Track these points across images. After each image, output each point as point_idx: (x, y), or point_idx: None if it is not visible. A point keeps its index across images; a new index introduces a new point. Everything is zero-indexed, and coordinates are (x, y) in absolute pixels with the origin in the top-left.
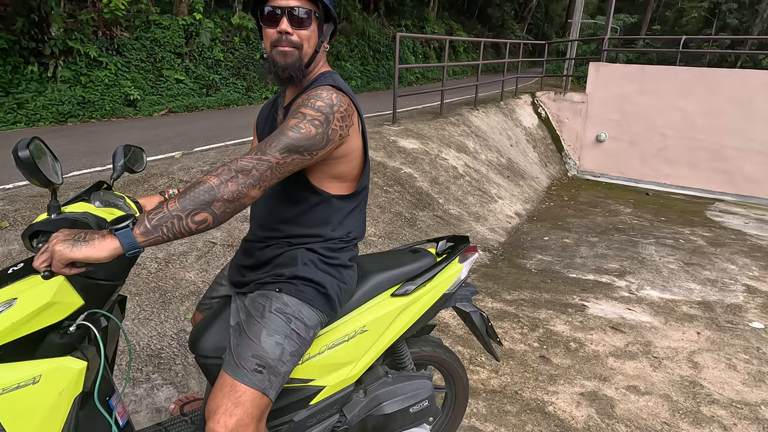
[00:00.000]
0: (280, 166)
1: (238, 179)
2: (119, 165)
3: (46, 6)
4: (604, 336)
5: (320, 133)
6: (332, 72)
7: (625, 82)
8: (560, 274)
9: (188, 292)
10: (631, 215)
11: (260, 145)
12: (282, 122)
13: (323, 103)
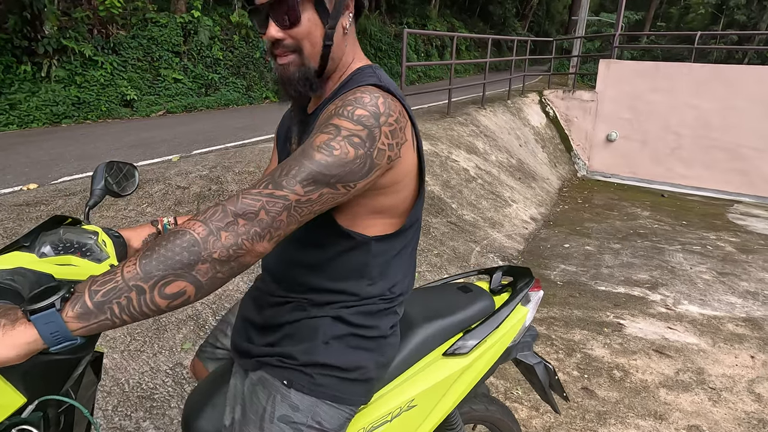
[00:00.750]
0: (302, 205)
1: (237, 227)
2: (98, 188)
3: (39, 3)
4: (650, 362)
5: (361, 156)
6: (374, 66)
7: (637, 79)
8: (588, 287)
9: (185, 316)
10: (650, 219)
11: (272, 174)
12: (304, 138)
13: (366, 111)
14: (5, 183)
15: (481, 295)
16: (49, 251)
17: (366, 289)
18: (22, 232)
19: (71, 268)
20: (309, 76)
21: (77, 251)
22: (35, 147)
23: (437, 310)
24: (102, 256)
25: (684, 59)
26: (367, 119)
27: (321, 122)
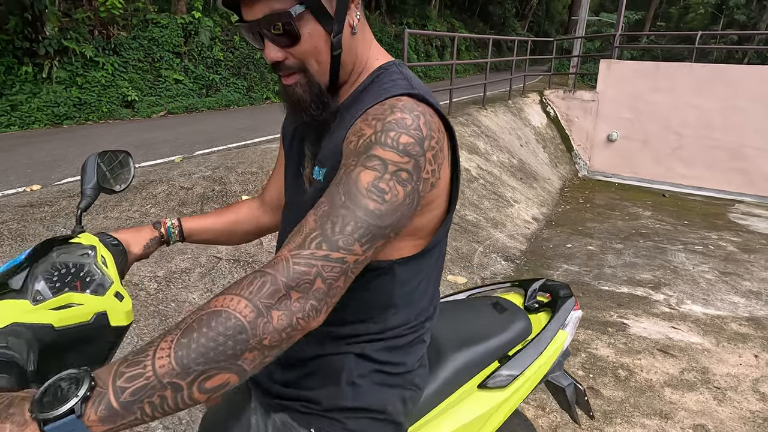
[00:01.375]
0: (359, 265)
1: (290, 303)
2: (90, 187)
3: (40, 4)
4: (654, 361)
5: (410, 193)
6: (397, 63)
7: (637, 79)
8: (591, 287)
9: None
10: (651, 219)
11: (322, 221)
12: (317, 148)
13: (411, 137)
14: (8, 184)
15: (516, 316)
16: (45, 290)
17: (391, 319)
18: (26, 233)
19: (74, 310)
20: (321, 95)
21: (76, 278)
22: (37, 148)
23: (470, 335)
24: (105, 281)
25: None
26: (413, 147)
27: (358, 149)
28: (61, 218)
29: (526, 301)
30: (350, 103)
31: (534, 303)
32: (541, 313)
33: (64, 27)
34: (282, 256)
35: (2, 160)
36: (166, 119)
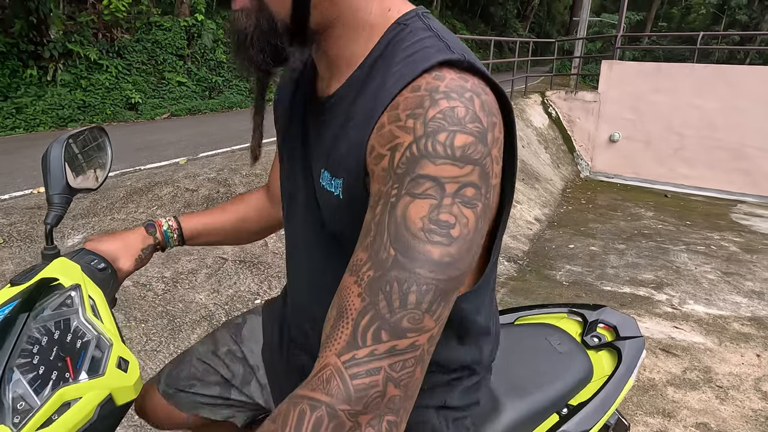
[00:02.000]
0: (435, 342)
1: (374, 421)
2: (58, 193)
3: (45, 8)
4: (657, 360)
5: (481, 215)
6: (420, 14)
7: (639, 80)
8: (594, 287)
9: (199, 317)
10: (654, 219)
11: (371, 296)
12: (323, 137)
13: (468, 134)
14: (16, 186)
15: (576, 355)
16: (27, 393)
17: (464, 357)
18: (34, 234)
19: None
20: (271, 34)
21: (63, 351)
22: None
23: (525, 379)
24: (102, 343)
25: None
26: (474, 149)
27: (396, 169)
28: (68, 220)
29: (584, 334)
30: (363, 78)
31: (594, 337)
32: (603, 351)
33: (68, 30)
34: (330, 366)
35: (9, 163)
36: (169, 121)
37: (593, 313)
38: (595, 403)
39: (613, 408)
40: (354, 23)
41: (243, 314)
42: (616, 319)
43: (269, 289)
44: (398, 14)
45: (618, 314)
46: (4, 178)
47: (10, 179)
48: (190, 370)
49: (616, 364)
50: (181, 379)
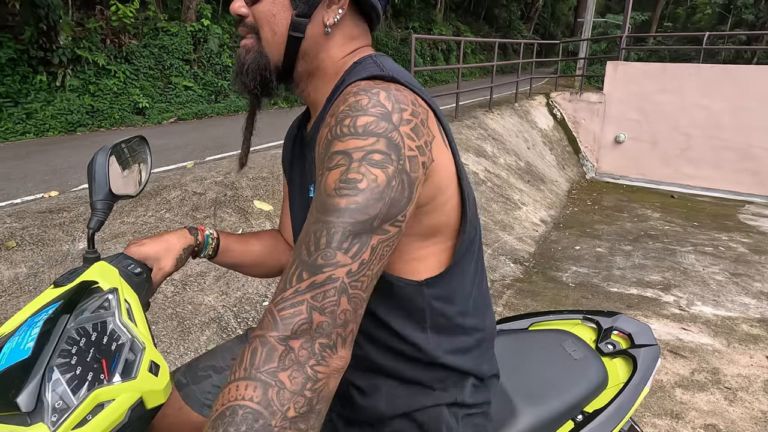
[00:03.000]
0: (359, 276)
1: (295, 355)
2: (101, 199)
3: (55, 15)
4: (665, 362)
5: (394, 175)
6: (376, 55)
7: (645, 80)
8: (601, 288)
9: (208, 319)
10: (660, 220)
11: (296, 256)
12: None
13: (369, 117)
14: (27, 190)
15: (591, 362)
16: (65, 392)
17: (434, 340)
18: (46, 238)
19: (105, 414)
20: (264, 71)
21: (99, 353)
22: (53, 155)
23: (539, 385)
24: (135, 346)
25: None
26: (376, 125)
27: (320, 156)
28: (79, 223)
29: (599, 341)
30: (326, 106)
31: (608, 344)
32: (618, 359)
33: (77, 36)
34: (266, 310)
35: (20, 167)
36: (176, 125)
37: (608, 320)
38: (611, 410)
39: (628, 416)
40: (330, 72)
41: None
42: (631, 326)
43: None
44: (355, 58)
45: (633, 322)
46: (17, 183)
47: (21, 184)
48: (210, 362)
49: (632, 372)
50: (200, 369)
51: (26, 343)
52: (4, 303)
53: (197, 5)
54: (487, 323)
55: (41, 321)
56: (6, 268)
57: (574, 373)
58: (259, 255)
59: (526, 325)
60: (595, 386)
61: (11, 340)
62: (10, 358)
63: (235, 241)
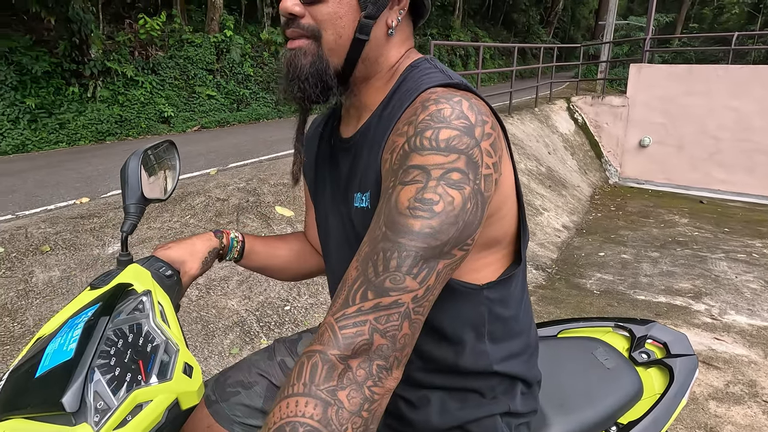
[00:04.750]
0: (421, 302)
1: (353, 375)
2: (134, 203)
3: (87, 29)
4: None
5: (470, 196)
6: (428, 59)
7: (670, 83)
8: (627, 296)
9: (231, 323)
10: (689, 226)
11: (361, 273)
12: (346, 176)
13: (453, 129)
14: (60, 197)
15: (625, 371)
16: (106, 392)
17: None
18: (78, 242)
19: (143, 415)
20: (325, 75)
21: (136, 354)
22: (84, 163)
23: (573, 394)
24: (169, 348)
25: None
26: (460, 140)
27: (393, 167)
28: (108, 229)
29: (632, 350)
30: (380, 112)
31: (642, 353)
32: (653, 368)
33: (107, 49)
34: (326, 323)
35: (53, 175)
36: (200, 133)
37: (641, 328)
38: (647, 422)
39: (665, 429)
40: (386, 75)
41: (299, 332)
42: (666, 335)
43: (298, 296)
44: (409, 61)
45: (669, 330)
46: (50, 190)
47: (55, 190)
48: (239, 377)
49: (668, 383)
50: (228, 385)
51: (68, 344)
52: (38, 305)
53: (220, 17)
54: (532, 327)
55: (82, 323)
56: (41, 271)
57: (607, 383)
58: (286, 259)
59: (554, 332)
60: (630, 397)
61: (53, 341)
62: (54, 359)
63: (261, 244)
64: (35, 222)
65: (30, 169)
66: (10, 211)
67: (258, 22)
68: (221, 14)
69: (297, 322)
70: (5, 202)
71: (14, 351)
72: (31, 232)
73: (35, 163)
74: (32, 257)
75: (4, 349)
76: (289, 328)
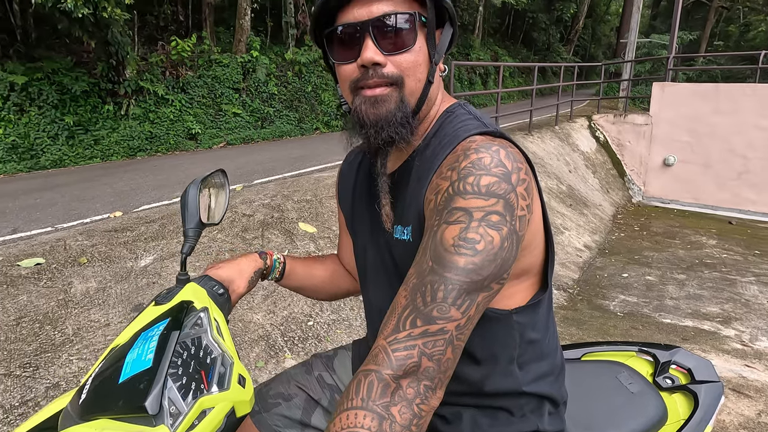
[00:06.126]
0: (463, 330)
1: (404, 393)
2: (192, 227)
3: (123, 51)
4: (727, 401)
5: (507, 236)
6: (461, 104)
7: (695, 101)
8: (652, 319)
9: (257, 336)
10: (717, 248)
11: (411, 295)
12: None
13: (493, 176)
14: (95, 211)
15: (649, 397)
16: (177, 398)
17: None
18: (113, 255)
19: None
20: (409, 117)
21: (198, 364)
22: (116, 178)
23: (596, 418)
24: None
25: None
26: (498, 186)
27: (438, 207)
28: (140, 242)
29: (657, 375)
30: (422, 149)
31: (666, 378)
32: (677, 394)
33: (141, 69)
34: (379, 346)
35: (89, 190)
36: (225, 150)
37: (665, 353)
38: None
39: None
40: (430, 115)
41: (334, 349)
42: (691, 361)
43: (320, 311)
44: (447, 105)
45: (693, 356)
46: (87, 204)
47: (90, 204)
48: (279, 389)
49: (693, 409)
50: (270, 396)
51: (146, 354)
52: (77, 315)
53: (247, 38)
54: (558, 349)
55: (156, 335)
56: (79, 282)
57: (631, 407)
58: (321, 280)
59: (578, 354)
60: (654, 422)
61: (132, 351)
62: (134, 367)
63: (300, 265)
64: (73, 234)
65: (68, 183)
66: (50, 223)
67: (283, 43)
68: (248, 35)
69: (320, 338)
70: (46, 215)
71: (55, 358)
72: (70, 244)
73: (72, 177)
74: (71, 268)
75: (46, 357)
76: (312, 343)
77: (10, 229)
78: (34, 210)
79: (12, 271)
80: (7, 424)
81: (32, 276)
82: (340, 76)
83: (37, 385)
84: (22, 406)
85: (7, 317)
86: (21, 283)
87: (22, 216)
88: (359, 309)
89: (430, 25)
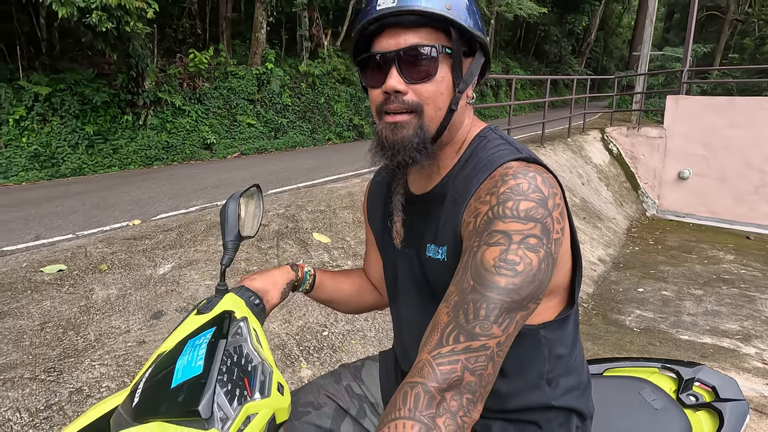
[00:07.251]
0: (503, 346)
1: (448, 405)
2: (231, 240)
3: (143, 63)
4: (749, 421)
5: (543, 258)
6: (492, 128)
7: (710, 114)
8: (669, 335)
9: (273, 345)
10: (735, 263)
11: (454, 312)
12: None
13: (531, 202)
14: (114, 219)
15: (673, 414)
16: (225, 404)
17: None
18: (132, 262)
19: (252, 426)
20: (426, 142)
21: (242, 372)
22: (134, 187)
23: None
24: (265, 369)
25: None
26: (536, 211)
27: (477, 229)
28: (158, 250)
29: (680, 392)
30: (456, 173)
31: (690, 396)
32: (701, 412)
33: (159, 81)
34: (424, 360)
35: (107, 198)
36: (239, 160)
37: (689, 370)
38: None
39: None
40: (458, 140)
41: (361, 360)
42: (715, 379)
43: (335, 321)
44: (478, 130)
45: (717, 374)
46: (106, 212)
47: (110, 212)
48: (309, 398)
49: (718, 427)
50: (300, 405)
51: (196, 361)
52: (99, 321)
53: (263, 50)
54: (585, 363)
55: (204, 343)
56: (100, 289)
57: (655, 424)
58: (348, 293)
59: (600, 370)
60: None
61: (181, 358)
62: (185, 373)
63: (329, 278)
64: (93, 242)
65: (87, 191)
66: (71, 231)
67: (297, 55)
68: (264, 48)
69: (334, 348)
70: (67, 223)
71: (78, 363)
72: (90, 251)
73: (91, 185)
74: (92, 275)
75: (69, 362)
76: (327, 353)
77: (33, 236)
78: (56, 217)
79: (36, 277)
80: (33, 428)
81: (55, 282)
82: (370, 98)
83: (61, 389)
84: (47, 410)
85: (32, 322)
86: (44, 288)
87: (44, 223)
88: (373, 320)
89: (456, 56)
